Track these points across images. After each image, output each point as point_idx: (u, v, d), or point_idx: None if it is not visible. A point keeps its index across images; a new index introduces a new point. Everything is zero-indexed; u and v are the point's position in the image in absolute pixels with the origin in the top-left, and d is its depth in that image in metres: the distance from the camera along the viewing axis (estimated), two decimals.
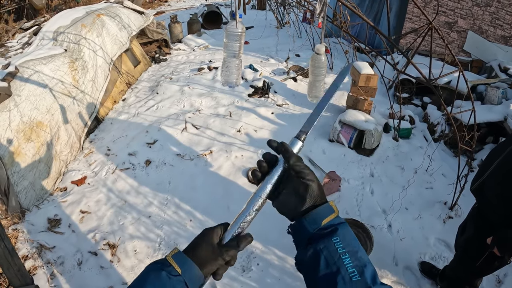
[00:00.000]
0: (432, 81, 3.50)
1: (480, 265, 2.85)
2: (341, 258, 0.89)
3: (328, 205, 0.99)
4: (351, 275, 0.86)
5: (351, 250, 0.90)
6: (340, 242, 0.91)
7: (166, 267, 0.96)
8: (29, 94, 4.67)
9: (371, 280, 0.86)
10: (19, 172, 4.30)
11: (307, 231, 0.96)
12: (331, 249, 0.90)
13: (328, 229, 0.94)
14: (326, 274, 0.89)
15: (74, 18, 6.42)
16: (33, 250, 3.97)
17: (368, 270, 0.87)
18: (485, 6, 7.39)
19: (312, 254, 0.93)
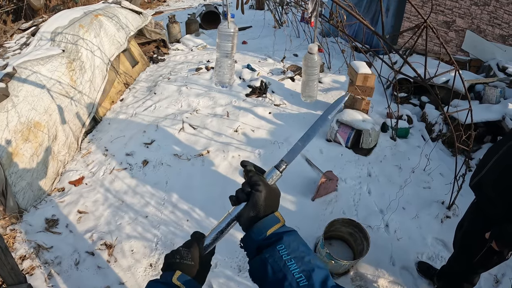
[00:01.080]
0: (427, 80, 3.50)
1: (479, 261, 2.87)
2: (287, 264, 0.92)
3: (274, 215, 1.06)
4: (298, 280, 0.89)
5: (297, 256, 0.93)
6: (284, 249, 0.94)
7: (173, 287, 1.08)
8: (27, 95, 4.68)
9: (320, 284, 0.87)
10: (17, 173, 4.30)
11: (254, 241, 1.02)
12: (276, 256, 0.94)
13: (273, 238, 0.98)
14: (274, 282, 0.92)
15: (72, 19, 6.42)
16: (30, 250, 3.97)
17: (317, 274, 0.89)
18: (483, 5, 7.39)
19: (259, 263, 0.97)
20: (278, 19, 12.04)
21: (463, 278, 3.26)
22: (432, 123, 6.24)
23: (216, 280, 3.66)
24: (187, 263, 1.13)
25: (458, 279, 3.29)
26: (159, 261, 3.89)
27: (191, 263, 1.14)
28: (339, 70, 8.26)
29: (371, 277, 3.77)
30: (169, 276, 1.11)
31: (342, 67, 8.28)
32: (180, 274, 1.10)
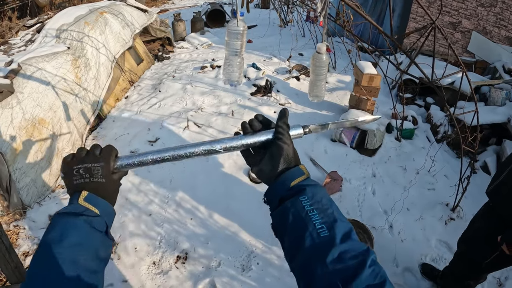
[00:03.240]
0: (435, 81, 3.49)
1: (489, 263, 2.88)
2: (309, 214, 0.90)
3: (298, 168, 1.01)
4: (319, 231, 0.87)
5: (320, 207, 0.91)
6: (307, 200, 0.92)
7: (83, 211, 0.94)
8: (31, 91, 4.68)
9: (341, 236, 0.85)
10: (21, 169, 4.30)
11: (278, 193, 0.98)
12: (298, 207, 0.92)
13: (296, 190, 0.96)
14: (294, 231, 0.91)
15: (77, 16, 6.43)
16: (34, 246, 3.97)
17: (339, 226, 0.87)
18: (489, 7, 7.37)
19: (281, 213, 0.96)
20: (283, 18, 12.03)
21: (470, 276, 3.25)
22: (437, 124, 6.22)
23: (219, 279, 3.66)
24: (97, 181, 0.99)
25: (464, 277, 3.28)
26: (163, 259, 3.88)
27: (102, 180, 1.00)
28: (345, 70, 8.24)
29: None
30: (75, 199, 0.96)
31: (347, 67, 8.26)
32: (87, 194, 0.97)
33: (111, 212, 1.01)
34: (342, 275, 0.79)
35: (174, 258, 3.90)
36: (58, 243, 0.86)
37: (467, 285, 3.31)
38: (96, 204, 0.96)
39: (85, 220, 0.92)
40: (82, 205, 0.94)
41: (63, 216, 0.92)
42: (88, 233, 0.91)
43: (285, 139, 1.03)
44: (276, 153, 1.02)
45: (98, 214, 0.95)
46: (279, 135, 1.04)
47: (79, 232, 0.89)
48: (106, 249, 0.97)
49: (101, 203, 0.98)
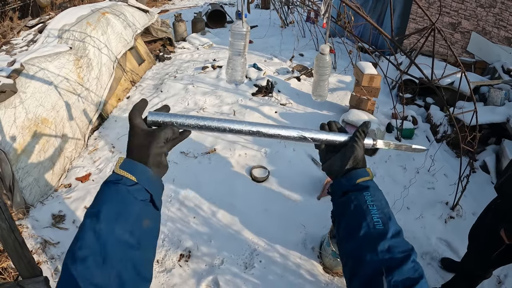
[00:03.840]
0: (434, 81, 3.52)
1: (497, 256, 2.96)
2: (369, 208, 1.01)
3: (365, 169, 1.12)
4: (375, 223, 0.97)
5: (379, 205, 1.02)
6: (370, 196, 1.03)
7: (120, 180, 0.89)
8: (34, 91, 4.71)
9: (393, 232, 0.95)
10: (24, 168, 4.33)
11: (343, 186, 1.09)
12: (361, 200, 1.03)
13: (361, 186, 1.06)
14: (353, 219, 1.02)
15: (79, 16, 6.46)
16: (37, 245, 4.00)
17: (392, 224, 0.97)
18: (489, 7, 7.41)
19: (344, 202, 1.07)
20: (284, 18, 12.06)
21: (478, 270, 3.29)
22: (437, 124, 6.26)
23: (222, 277, 3.69)
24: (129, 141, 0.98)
25: (472, 272, 3.33)
26: (166, 257, 3.91)
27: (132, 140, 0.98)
28: (345, 70, 8.27)
29: None
30: None
31: (348, 67, 8.29)
32: (123, 160, 0.94)
33: (149, 178, 0.94)
34: (388, 264, 0.89)
35: (177, 256, 3.93)
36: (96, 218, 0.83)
37: (475, 280, 3.36)
38: (133, 170, 0.92)
39: (123, 189, 0.88)
40: (118, 174, 0.91)
41: (105, 185, 0.91)
42: (126, 203, 0.87)
43: (359, 143, 1.13)
44: (349, 152, 1.12)
45: (135, 181, 0.90)
46: (356, 138, 1.14)
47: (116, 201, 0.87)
48: (153, 220, 0.93)
49: (138, 168, 0.93)
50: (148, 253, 0.90)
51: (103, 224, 0.82)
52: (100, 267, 0.77)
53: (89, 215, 0.85)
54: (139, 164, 0.93)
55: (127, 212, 0.86)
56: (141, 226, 0.88)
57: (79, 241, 0.81)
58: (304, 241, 4.12)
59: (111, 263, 0.78)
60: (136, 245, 0.85)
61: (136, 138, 0.96)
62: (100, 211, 0.84)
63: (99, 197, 0.88)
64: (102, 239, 0.80)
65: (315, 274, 3.78)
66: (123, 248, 0.82)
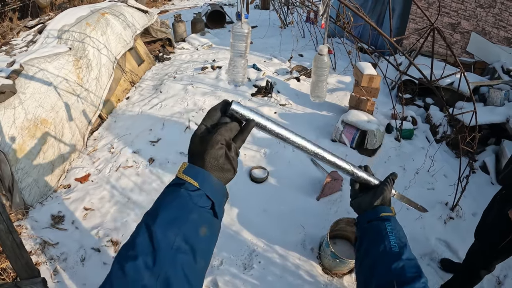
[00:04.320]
0: (433, 82, 3.52)
1: (504, 246, 3.01)
2: (388, 234, 1.16)
3: (389, 208, 1.29)
4: (392, 246, 1.13)
5: (397, 234, 1.17)
6: (390, 225, 1.20)
7: (182, 184, 0.88)
8: (33, 92, 4.71)
9: (407, 256, 1.10)
10: (23, 169, 4.33)
11: (369, 218, 1.28)
12: (382, 227, 1.20)
13: (384, 218, 1.24)
14: (373, 240, 1.19)
15: (79, 17, 6.46)
16: (36, 246, 4.00)
17: (407, 251, 1.12)
18: (488, 8, 7.40)
19: (368, 227, 1.25)
20: (283, 19, 12.05)
21: (482, 264, 3.30)
22: (437, 124, 6.26)
23: (221, 277, 3.69)
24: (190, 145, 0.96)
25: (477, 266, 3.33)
26: None
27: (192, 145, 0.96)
28: (345, 71, 8.27)
29: None
30: None
31: (347, 68, 8.29)
32: (187, 165, 0.92)
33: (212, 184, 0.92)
34: (400, 279, 1.02)
35: None
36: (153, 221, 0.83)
37: (476, 277, 3.36)
38: (195, 175, 0.90)
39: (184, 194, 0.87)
40: (181, 178, 0.90)
41: (167, 188, 0.90)
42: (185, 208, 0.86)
43: (389, 186, 1.33)
44: (379, 193, 1.31)
45: (197, 187, 0.88)
46: (387, 182, 1.34)
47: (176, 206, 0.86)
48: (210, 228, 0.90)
49: (200, 173, 0.90)
50: (201, 261, 0.86)
51: (158, 227, 0.81)
52: (150, 269, 0.76)
53: (147, 216, 0.86)
54: (200, 169, 0.91)
55: (185, 218, 0.85)
56: (198, 233, 0.86)
57: (134, 239, 0.81)
58: (303, 241, 4.12)
59: (161, 266, 0.77)
60: (189, 251, 0.83)
61: (193, 144, 0.94)
62: (158, 214, 0.84)
63: (159, 200, 0.88)
64: (156, 242, 0.80)
65: (314, 274, 3.78)
66: (175, 253, 0.80)
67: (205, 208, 0.89)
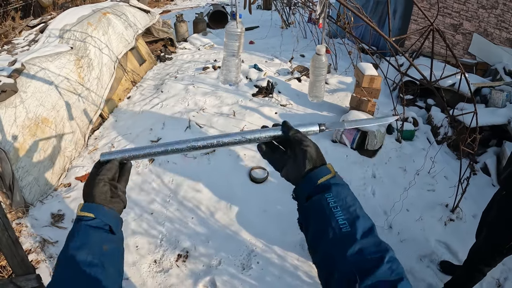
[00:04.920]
0: (433, 82, 3.51)
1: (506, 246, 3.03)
2: (332, 211, 0.95)
3: (325, 167, 1.06)
4: (341, 226, 0.92)
5: (344, 205, 0.96)
6: (332, 197, 0.97)
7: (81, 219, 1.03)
8: (35, 91, 4.72)
9: (362, 232, 0.91)
10: (24, 167, 4.34)
11: (305, 191, 1.03)
12: (323, 203, 0.97)
13: (322, 187, 1.00)
14: (318, 225, 0.97)
15: (81, 16, 6.47)
16: (36, 244, 4.01)
17: (360, 222, 0.92)
18: (490, 9, 7.40)
19: (307, 209, 1.02)
20: (285, 19, 12.05)
21: (485, 263, 3.30)
22: (438, 125, 6.25)
23: (220, 278, 3.69)
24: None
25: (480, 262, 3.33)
26: (164, 257, 3.92)
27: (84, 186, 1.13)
28: (346, 72, 8.27)
29: None
30: None
31: (348, 69, 8.29)
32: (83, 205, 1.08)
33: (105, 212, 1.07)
34: (360, 267, 0.84)
35: (175, 256, 3.93)
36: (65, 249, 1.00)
37: (481, 271, 3.36)
38: (90, 209, 1.05)
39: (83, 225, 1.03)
40: (79, 215, 1.05)
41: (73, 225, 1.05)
42: (88, 233, 1.02)
43: (305, 142, 1.08)
44: (300, 156, 1.07)
45: (93, 217, 1.04)
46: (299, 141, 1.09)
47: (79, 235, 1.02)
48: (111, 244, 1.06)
49: (93, 206, 1.06)
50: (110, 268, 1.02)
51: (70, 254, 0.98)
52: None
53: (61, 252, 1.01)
54: (93, 204, 1.06)
55: (89, 241, 1.01)
56: (102, 250, 1.03)
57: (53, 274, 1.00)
58: (302, 242, 4.11)
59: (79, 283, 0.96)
60: (99, 264, 0.99)
61: (85, 186, 1.11)
62: (68, 244, 1.01)
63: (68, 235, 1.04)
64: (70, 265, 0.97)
65: (312, 276, 3.77)
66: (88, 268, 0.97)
67: (104, 230, 1.05)
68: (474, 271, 3.37)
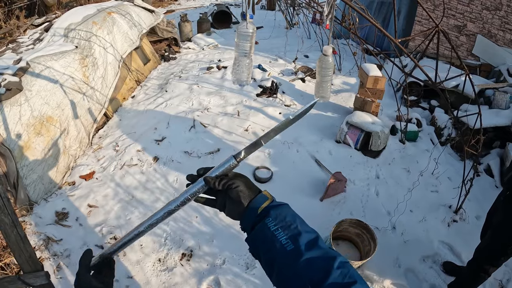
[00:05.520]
0: (438, 84, 3.52)
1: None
2: (274, 234, 1.00)
3: (262, 194, 1.12)
4: (285, 246, 0.97)
5: (284, 225, 1.02)
6: (272, 221, 1.03)
7: None
8: (40, 89, 4.74)
9: (305, 246, 0.95)
10: (28, 166, 4.36)
11: (250, 222, 1.08)
12: (265, 229, 1.02)
13: (263, 214, 1.06)
14: (266, 251, 1.02)
15: (85, 16, 6.49)
16: (40, 242, 4.02)
17: (303, 238, 0.97)
18: (494, 10, 7.38)
19: (253, 239, 1.07)
20: (289, 20, 12.06)
21: (490, 263, 3.30)
22: (441, 127, 6.24)
23: (223, 277, 3.70)
24: None
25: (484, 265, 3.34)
26: (168, 256, 3.93)
27: None
28: (350, 72, 8.27)
29: (377, 278, 3.79)
30: None
31: (352, 69, 8.28)
32: None
33: None
34: (312, 278, 0.89)
35: (179, 255, 3.95)
36: None
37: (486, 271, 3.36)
38: None
39: None
40: None
41: None
42: None
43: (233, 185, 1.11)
44: (234, 197, 1.10)
45: None
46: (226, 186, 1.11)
47: None
48: None
49: None
50: None
51: None
52: None
53: None
54: None
55: None
56: None
57: None
58: None
59: None
60: None
61: None
62: None
63: None
64: None
65: None
66: None
67: None
68: (479, 271, 3.38)
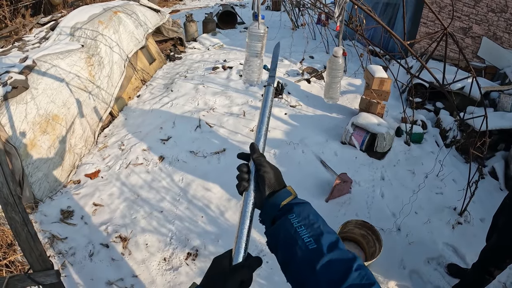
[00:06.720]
0: (445, 86, 3.52)
1: None
2: (297, 231, 1.00)
3: (286, 189, 1.14)
4: (307, 244, 0.97)
5: (307, 223, 1.02)
6: (295, 218, 1.03)
7: None
8: (46, 88, 4.75)
9: (327, 247, 0.95)
10: (34, 164, 4.37)
11: (270, 215, 1.10)
12: (287, 225, 1.02)
13: (285, 209, 1.07)
14: (286, 247, 1.01)
15: (92, 15, 6.50)
16: (45, 240, 4.04)
17: (325, 238, 0.97)
18: (500, 12, 7.37)
19: (274, 232, 1.07)
20: (294, 20, 12.06)
21: (496, 265, 3.31)
22: (447, 129, 6.24)
23: None
24: None
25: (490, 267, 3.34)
26: (173, 255, 3.94)
27: None
28: (355, 74, 8.27)
29: (381, 279, 3.79)
30: None
31: (358, 71, 8.28)
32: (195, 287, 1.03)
33: None
34: (330, 279, 0.89)
35: (184, 254, 3.95)
36: None
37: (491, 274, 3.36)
38: None
39: None
40: None
41: None
42: None
43: (264, 168, 1.14)
44: (260, 182, 1.14)
45: None
46: (258, 166, 1.15)
47: None
48: None
49: None
50: None
51: None
52: None
53: None
54: None
55: None
56: None
57: None
58: None
59: None
60: None
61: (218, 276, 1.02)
62: None
63: None
64: None
65: None
66: None
67: None
68: (484, 274, 3.37)
